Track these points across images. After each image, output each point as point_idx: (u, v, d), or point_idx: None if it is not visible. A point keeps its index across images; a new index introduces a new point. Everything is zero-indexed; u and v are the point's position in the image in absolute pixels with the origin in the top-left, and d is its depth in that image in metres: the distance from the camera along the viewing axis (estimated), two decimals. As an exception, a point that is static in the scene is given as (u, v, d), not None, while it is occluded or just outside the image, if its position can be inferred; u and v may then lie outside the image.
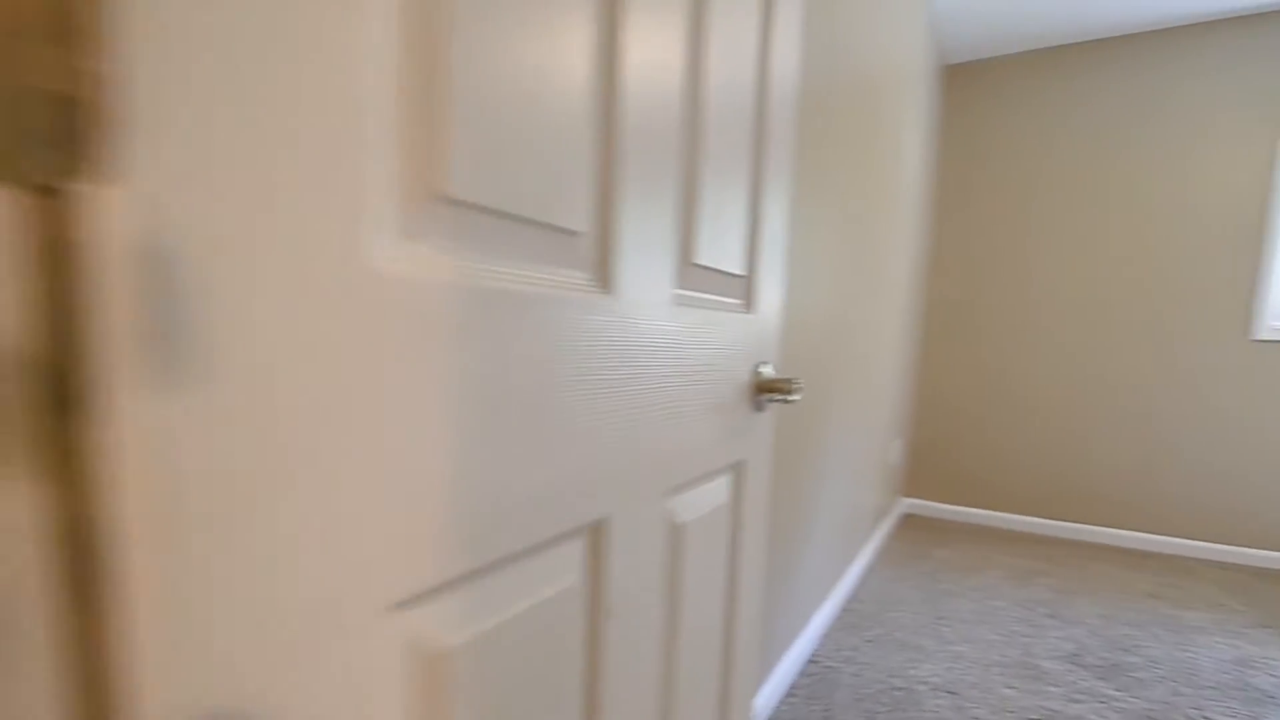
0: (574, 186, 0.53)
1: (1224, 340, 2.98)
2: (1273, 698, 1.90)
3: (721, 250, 0.78)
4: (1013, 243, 3.37)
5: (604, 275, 0.57)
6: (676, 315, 0.69)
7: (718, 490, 0.85)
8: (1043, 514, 3.40)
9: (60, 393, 0.26)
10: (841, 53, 1.84)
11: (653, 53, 0.61)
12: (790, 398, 0.87)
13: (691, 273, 0.73)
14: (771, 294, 0.93)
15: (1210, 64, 2.92)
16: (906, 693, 1.91)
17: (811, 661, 2.07)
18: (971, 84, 3.40)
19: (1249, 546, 2.98)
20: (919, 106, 2.99)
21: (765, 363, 0.93)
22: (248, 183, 0.30)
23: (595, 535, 0.61)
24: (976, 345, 3.50)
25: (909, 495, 3.79)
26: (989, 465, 3.52)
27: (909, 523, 3.55)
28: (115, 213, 0.25)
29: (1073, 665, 2.07)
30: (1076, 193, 3.21)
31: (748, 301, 0.87)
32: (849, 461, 2.47)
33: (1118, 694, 1.91)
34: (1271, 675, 2.02)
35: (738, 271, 0.83)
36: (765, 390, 0.91)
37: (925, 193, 3.51)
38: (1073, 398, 3.29)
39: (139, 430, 0.27)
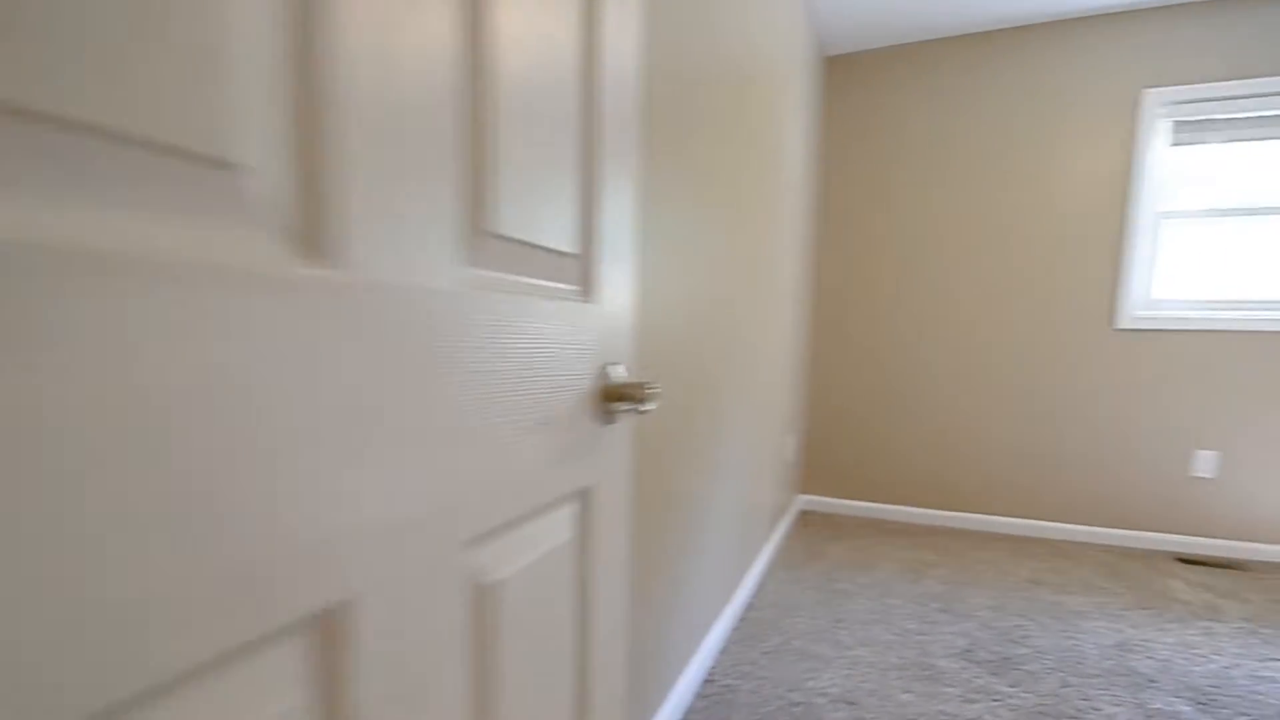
0: (225, 88, 0.33)
1: (1091, 330, 3.10)
2: (1154, 682, 1.92)
3: (538, 221, 0.60)
4: (891, 237, 3.39)
5: (313, 240, 0.38)
6: (469, 302, 0.50)
7: (554, 528, 0.67)
8: (930, 505, 3.45)
9: None
10: (717, 39, 1.71)
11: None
12: (643, 407, 0.70)
13: (490, 246, 0.54)
14: (620, 279, 0.76)
15: (1072, 61, 3.02)
16: (805, 708, 1.80)
17: (708, 681, 1.93)
18: (851, 76, 3.39)
19: (1121, 528, 3.10)
20: (800, 96, 2.94)
21: (616, 363, 0.75)
22: None
23: (329, 630, 0.41)
24: (863, 338, 3.51)
25: (805, 491, 3.76)
26: (879, 459, 3.54)
27: (806, 520, 3.51)
28: None
29: (967, 662, 2.03)
30: (950, 187, 3.26)
31: (585, 287, 0.69)
32: (743, 461, 2.36)
33: (1010, 690, 1.88)
34: (1151, 658, 2.05)
35: (566, 249, 0.65)
36: (614, 398, 0.73)
37: (811, 185, 3.49)
38: (953, 389, 3.34)
39: None
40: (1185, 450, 2.98)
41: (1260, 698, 1.85)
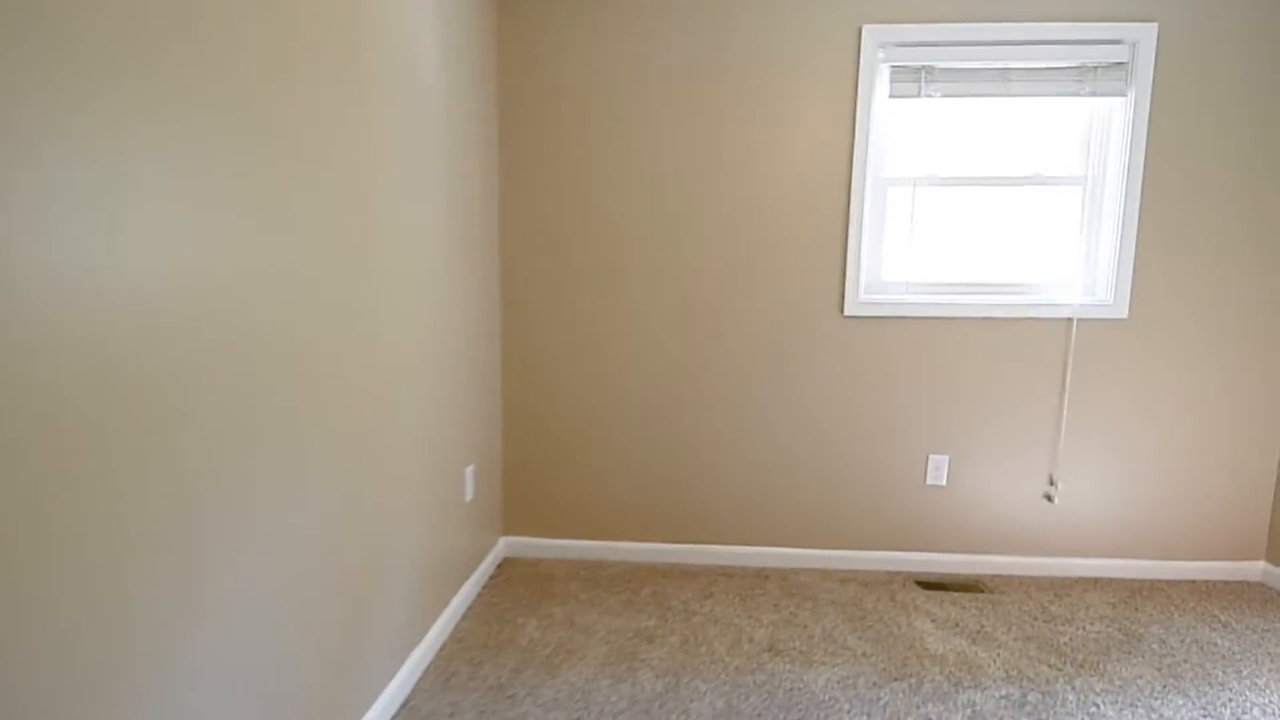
0: None
1: (820, 319, 2.61)
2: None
3: None
4: (597, 209, 2.62)
5: None
6: None
7: None
8: (655, 538, 2.77)
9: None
10: None
11: None
12: None
13: None
14: None
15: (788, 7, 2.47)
16: None
17: None
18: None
19: (859, 548, 2.68)
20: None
21: None
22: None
23: None
24: (561, 338, 2.71)
25: (511, 532, 2.88)
26: (592, 487, 2.78)
27: (506, 571, 2.64)
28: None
29: None
30: (654, 136, 2.57)
31: None
32: (329, 527, 1.38)
33: None
34: (920, 784, 1.49)
35: None
36: None
37: (481, 134, 2.58)
38: (670, 396, 2.69)
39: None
40: (919, 456, 2.61)
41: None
